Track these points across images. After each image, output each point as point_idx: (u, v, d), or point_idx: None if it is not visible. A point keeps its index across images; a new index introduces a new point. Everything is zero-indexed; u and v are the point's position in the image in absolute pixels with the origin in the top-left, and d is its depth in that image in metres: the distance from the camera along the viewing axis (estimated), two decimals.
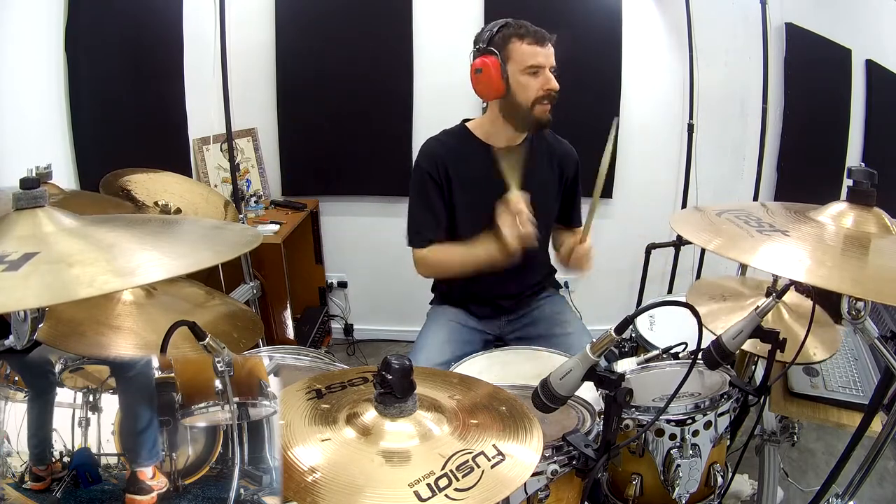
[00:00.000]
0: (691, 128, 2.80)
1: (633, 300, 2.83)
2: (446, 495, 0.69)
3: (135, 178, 1.61)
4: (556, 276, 1.94)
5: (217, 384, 0.79)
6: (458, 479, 0.71)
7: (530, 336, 1.75)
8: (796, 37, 2.74)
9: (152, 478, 0.75)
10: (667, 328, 1.70)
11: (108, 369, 0.77)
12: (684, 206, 2.85)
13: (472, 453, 0.76)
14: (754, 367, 1.59)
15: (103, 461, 0.74)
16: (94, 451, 0.74)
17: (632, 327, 1.57)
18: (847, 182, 0.94)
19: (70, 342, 1.04)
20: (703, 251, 2.87)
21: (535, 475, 0.94)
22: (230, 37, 2.46)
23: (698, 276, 2.93)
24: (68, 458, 0.73)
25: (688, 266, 2.92)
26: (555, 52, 1.56)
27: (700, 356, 1.06)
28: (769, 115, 2.76)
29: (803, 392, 1.43)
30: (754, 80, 2.75)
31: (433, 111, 2.78)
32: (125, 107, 2.20)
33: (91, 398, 0.75)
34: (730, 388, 1.16)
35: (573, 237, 1.71)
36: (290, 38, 2.77)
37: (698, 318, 0.85)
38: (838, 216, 0.92)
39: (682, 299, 1.09)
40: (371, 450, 0.76)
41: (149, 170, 1.68)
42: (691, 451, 1.11)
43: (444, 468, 0.73)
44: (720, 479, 1.18)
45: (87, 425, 0.74)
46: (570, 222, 1.85)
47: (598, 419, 1.06)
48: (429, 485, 0.70)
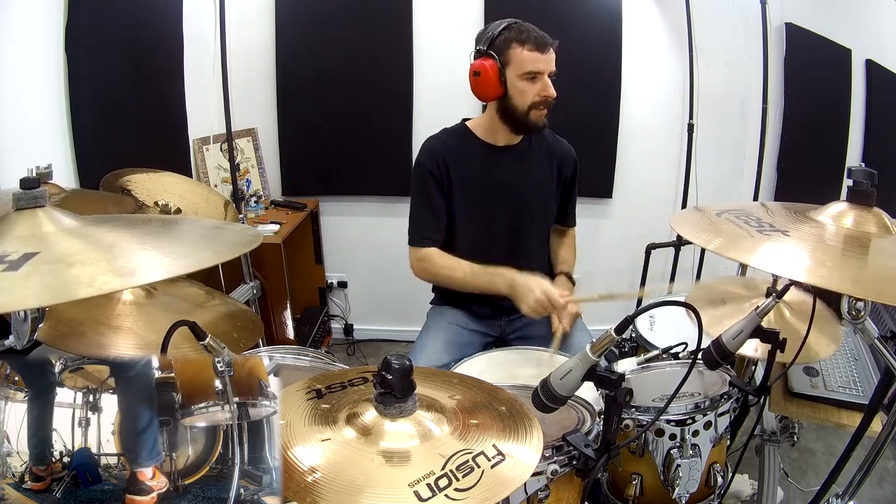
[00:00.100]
0: (691, 128, 2.80)
1: (632, 300, 2.82)
2: (446, 495, 0.69)
3: (135, 178, 1.62)
4: None
5: (217, 384, 0.79)
6: (458, 479, 0.71)
7: (531, 336, 1.74)
8: (796, 37, 2.74)
9: (152, 478, 0.75)
10: (667, 328, 1.70)
11: (108, 369, 0.77)
12: (684, 206, 2.85)
13: (472, 453, 0.76)
14: (754, 367, 1.58)
15: (103, 461, 0.74)
16: (94, 451, 0.74)
17: (632, 327, 1.57)
18: (847, 182, 0.94)
19: (70, 342, 1.04)
20: (703, 251, 2.87)
21: (535, 475, 0.94)
22: (230, 37, 2.45)
23: (698, 277, 2.93)
24: (68, 458, 0.73)
25: (688, 266, 2.92)
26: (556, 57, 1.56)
27: (700, 356, 1.06)
28: (769, 115, 2.76)
29: (803, 392, 1.42)
30: (754, 80, 2.75)
31: (433, 111, 2.77)
32: (125, 107, 2.20)
33: (91, 398, 0.75)
34: (730, 388, 1.16)
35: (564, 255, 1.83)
36: (290, 38, 2.76)
37: (698, 318, 0.85)
38: (838, 216, 0.92)
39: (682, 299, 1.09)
40: (371, 450, 0.76)
41: (149, 170, 1.68)
42: (691, 451, 1.11)
43: (444, 468, 0.72)
44: (720, 479, 1.18)
45: (87, 425, 0.74)
46: (565, 221, 1.87)
47: (598, 419, 1.06)
48: (429, 485, 0.70)
